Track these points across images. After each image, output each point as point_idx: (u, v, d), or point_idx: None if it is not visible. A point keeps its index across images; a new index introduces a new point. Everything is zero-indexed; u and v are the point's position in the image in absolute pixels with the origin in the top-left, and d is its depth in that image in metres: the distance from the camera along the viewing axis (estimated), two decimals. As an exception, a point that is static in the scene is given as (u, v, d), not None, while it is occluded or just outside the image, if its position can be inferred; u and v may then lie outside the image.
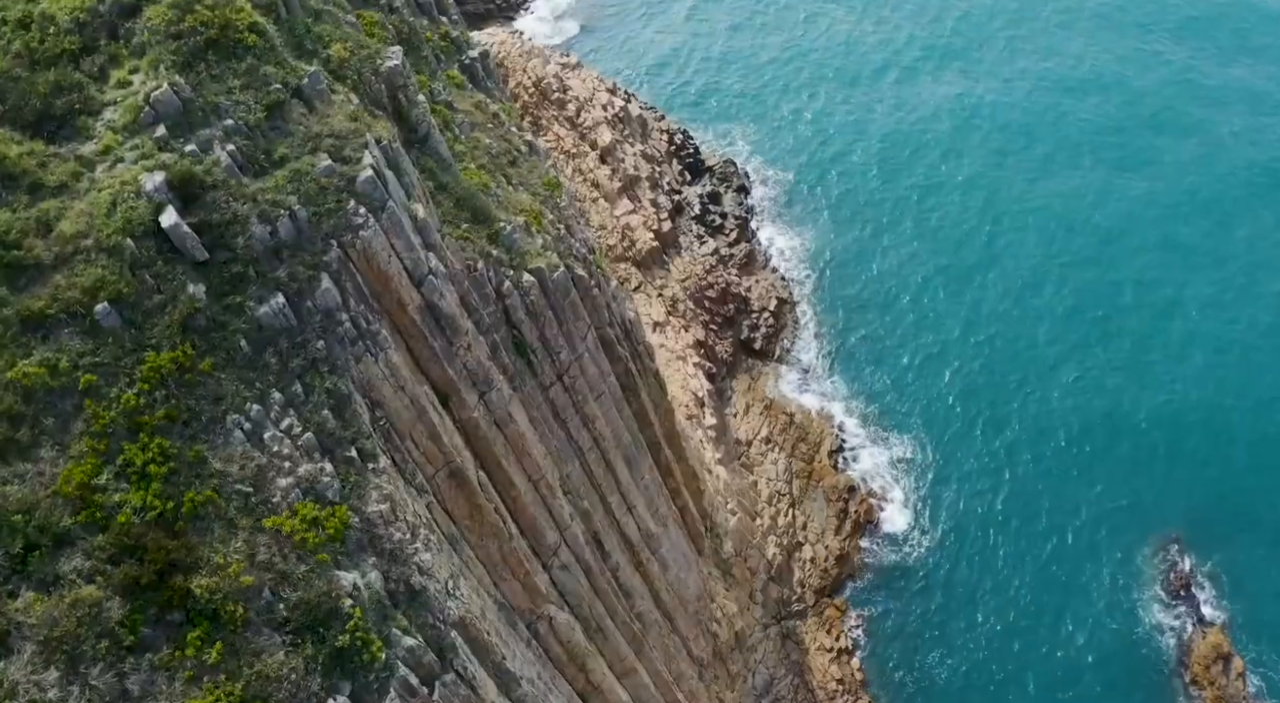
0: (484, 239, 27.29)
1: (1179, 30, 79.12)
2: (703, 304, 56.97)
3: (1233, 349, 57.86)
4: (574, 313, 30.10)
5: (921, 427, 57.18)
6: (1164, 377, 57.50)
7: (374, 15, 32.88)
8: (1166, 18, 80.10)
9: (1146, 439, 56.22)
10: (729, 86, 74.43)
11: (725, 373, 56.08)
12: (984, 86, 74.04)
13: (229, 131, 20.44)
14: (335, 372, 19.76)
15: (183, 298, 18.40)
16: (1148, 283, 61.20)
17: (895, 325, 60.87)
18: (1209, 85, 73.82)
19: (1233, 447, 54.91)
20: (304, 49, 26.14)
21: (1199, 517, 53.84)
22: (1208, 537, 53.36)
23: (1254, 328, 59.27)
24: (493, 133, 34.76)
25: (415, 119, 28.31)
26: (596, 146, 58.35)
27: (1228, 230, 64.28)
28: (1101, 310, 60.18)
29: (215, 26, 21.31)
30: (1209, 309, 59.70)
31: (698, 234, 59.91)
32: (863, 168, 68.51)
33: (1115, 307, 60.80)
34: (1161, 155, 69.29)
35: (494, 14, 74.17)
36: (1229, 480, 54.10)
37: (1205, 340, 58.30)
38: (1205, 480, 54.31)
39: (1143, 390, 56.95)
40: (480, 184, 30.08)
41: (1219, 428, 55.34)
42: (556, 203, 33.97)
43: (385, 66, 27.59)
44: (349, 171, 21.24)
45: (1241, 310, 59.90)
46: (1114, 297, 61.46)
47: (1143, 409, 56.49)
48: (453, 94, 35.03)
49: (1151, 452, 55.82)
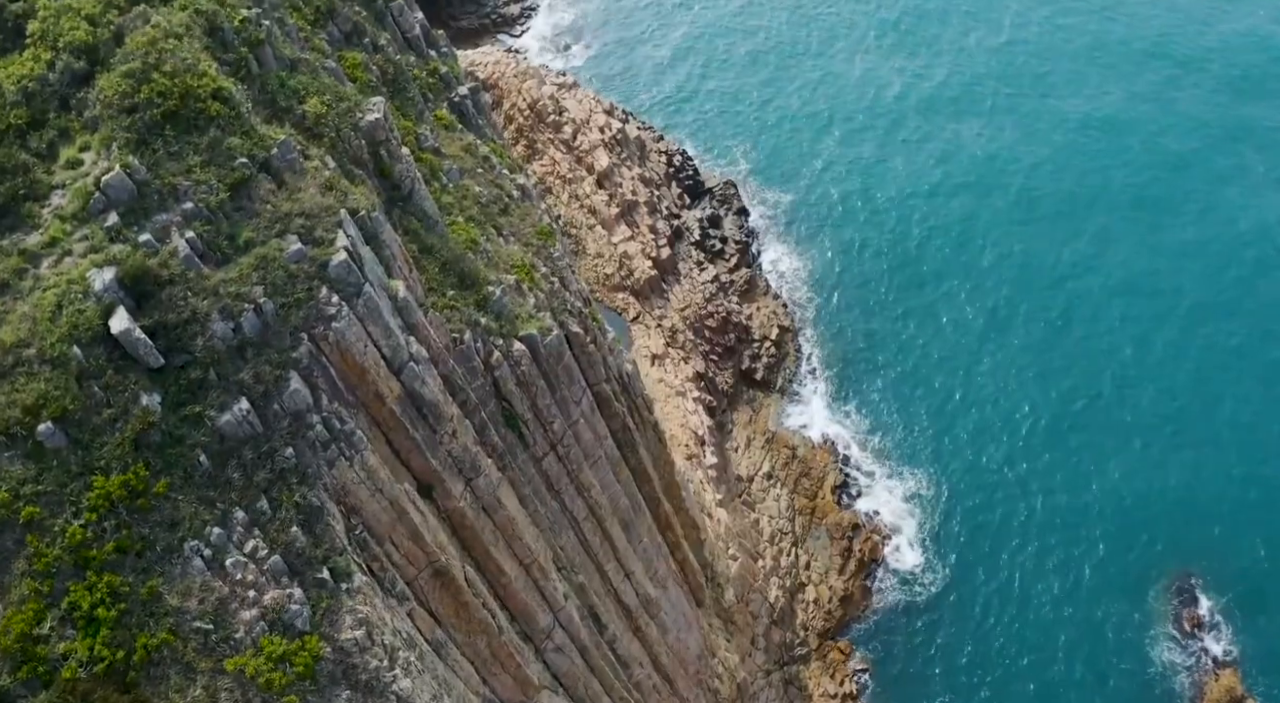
0: (471, 306, 25.63)
1: (1200, 68, 77.26)
2: (703, 334, 55.31)
3: (1254, 390, 56.29)
4: (568, 377, 28.46)
5: (928, 459, 55.62)
6: (1180, 413, 55.92)
7: (357, 56, 31.21)
8: (1181, 51, 78.29)
9: (1161, 475, 54.74)
10: (730, 104, 72.59)
11: (726, 405, 54.45)
12: (991, 107, 72.26)
13: (188, 216, 18.75)
14: (305, 482, 18.11)
15: (135, 411, 16.74)
16: (1167, 317, 59.57)
17: (901, 353, 59.25)
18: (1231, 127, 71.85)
19: (1248, 484, 53.41)
20: (277, 107, 24.47)
21: (1213, 554, 52.37)
22: (1222, 575, 51.92)
23: (1276, 368, 57.68)
24: (483, 179, 33.05)
25: (398, 175, 26.64)
26: (593, 171, 56.59)
27: (1259, 275, 62.05)
28: (1119, 341, 58.56)
29: (174, 96, 19.61)
30: (1230, 348, 58.06)
31: (697, 260, 58.20)
32: (866, 187, 66.78)
33: (1133, 337, 59.15)
34: (1179, 185, 67.57)
35: (489, 29, 72.21)
36: (1243, 519, 52.63)
37: (1226, 380, 56.65)
38: (1220, 518, 52.83)
39: (1158, 426, 55.40)
40: (468, 240, 28.41)
41: (1234, 466, 53.85)
42: (550, 253, 32.29)
43: (366, 121, 25.90)
44: (321, 255, 19.56)
45: (1266, 353, 58.17)
46: (1133, 328, 59.78)
47: (1157, 445, 54.96)
48: (441, 138, 33.33)
49: (1166, 488, 54.35)
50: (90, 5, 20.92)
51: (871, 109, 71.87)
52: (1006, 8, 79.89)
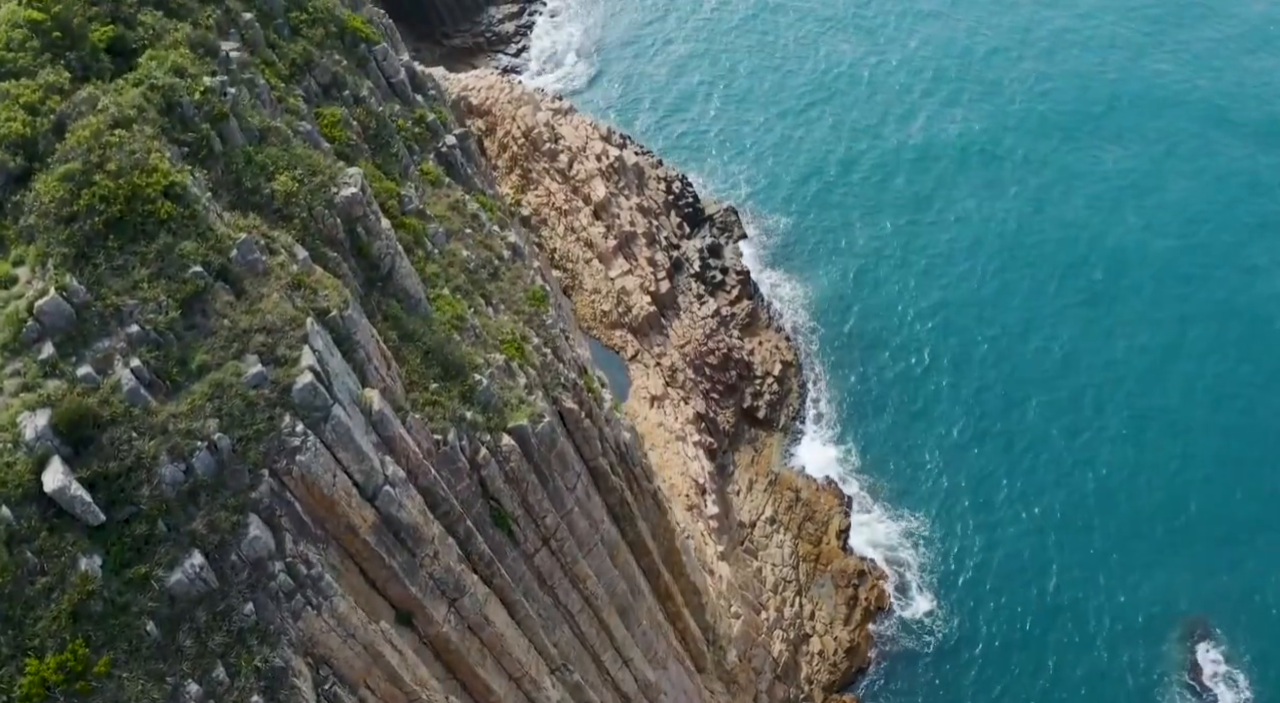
0: (456, 399, 23.68)
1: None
2: (703, 371, 53.40)
3: (1270, 437, 54.51)
4: (561, 464, 26.58)
5: (936, 500, 53.81)
6: (1196, 457, 54.14)
7: (336, 113, 29.20)
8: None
9: (1174, 522, 53.02)
10: (731, 125, 70.47)
11: (727, 445, 52.58)
12: (998, 127, 70.19)
13: (134, 341, 16.81)
14: (267, 641, 16.24)
15: (73, 578, 14.84)
16: (1180, 351, 57.74)
17: (907, 387, 57.36)
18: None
19: (1263, 533, 51.72)
20: (242, 189, 22.49)
21: (1228, 603, 50.73)
22: (1237, 623, 50.29)
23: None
24: (471, 239, 31.09)
25: (377, 253, 24.66)
26: (590, 201, 54.55)
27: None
28: (1131, 374, 56.75)
29: (119, 200, 17.63)
30: (1249, 397, 56.23)
31: (697, 293, 56.22)
32: (871, 212, 64.79)
33: (1145, 370, 57.33)
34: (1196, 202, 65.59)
35: (484, 48, 69.92)
36: (1260, 567, 50.96)
37: (1243, 429, 54.83)
38: (1234, 566, 51.14)
39: (1173, 472, 53.62)
40: (455, 317, 26.45)
41: (1250, 514, 52.14)
42: (542, 321, 30.35)
43: (341, 196, 23.91)
44: (284, 377, 17.63)
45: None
46: (1145, 361, 57.94)
47: (1171, 487, 53.22)
48: (426, 195, 31.34)
49: (1181, 531, 52.64)
50: (29, 92, 18.94)
51: (878, 131, 69.82)
52: (1027, 33, 77.54)
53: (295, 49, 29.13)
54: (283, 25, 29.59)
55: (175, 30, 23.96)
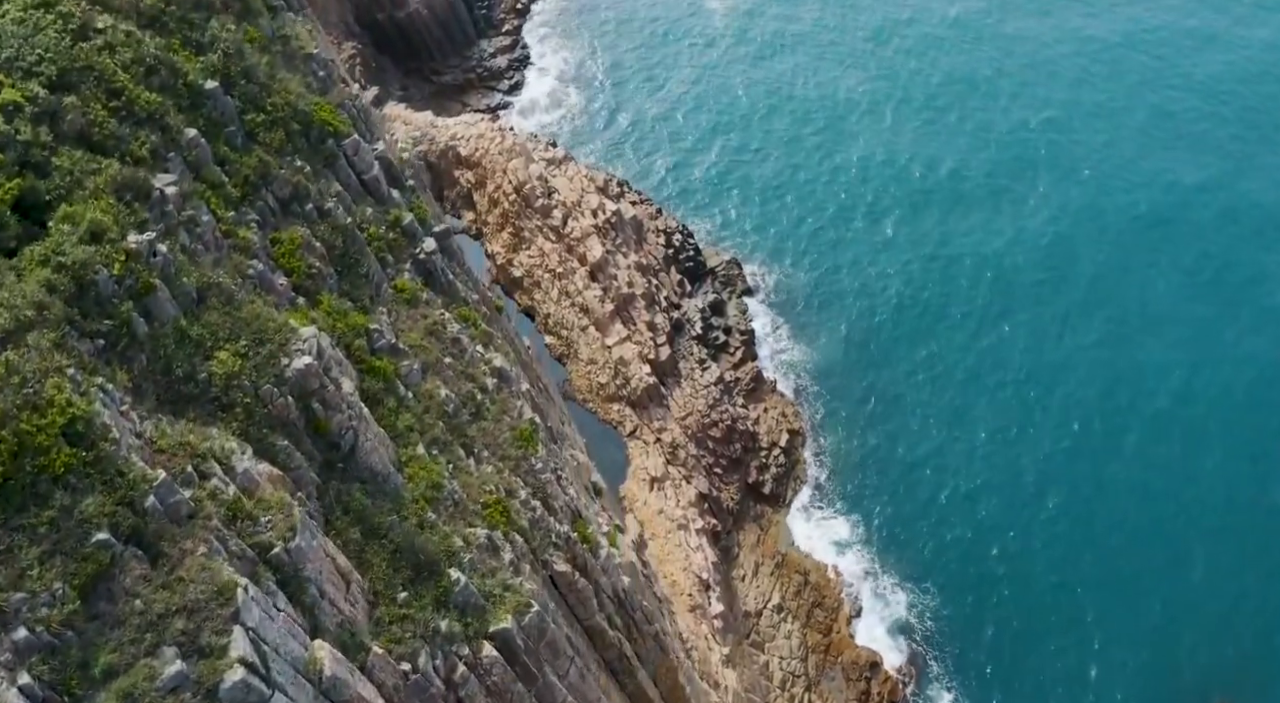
0: (429, 606, 20.38)
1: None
2: (706, 445, 50.13)
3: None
4: (552, 653, 23.35)
5: (954, 581, 50.62)
6: (1207, 532, 51.17)
7: (295, 236, 25.67)
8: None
9: (1195, 595, 50.10)
10: (733, 168, 66.75)
11: (731, 525, 49.43)
12: (1027, 175, 66.66)
13: (22, 650, 13.44)
14: None
15: None
16: (1204, 423, 54.58)
17: (923, 458, 54.10)
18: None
19: (1274, 608, 48.87)
20: (172, 378, 19.10)
21: (1249, 684, 47.93)
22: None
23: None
24: (452, 369, 27.66)
25: (337, 429, 21.28)
26: (586, 262, 51.02)
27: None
28: (1152, 453, 53.61)
29: (2, 460, 14.24)
30: (1271, 455, 53.25)
31: (699, 358, 52.82)
32: (882, 265, 61.32)
33: (1173, 437, 54.17)
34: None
35: (475, 84, 65.98)
36: (1270, 642, 48.16)
37: (1258, 501, 51.86)
38: (1245, 641, 48.26)
39: (1185, 545, 50.64)
40: (430, 487, 23.12)
41: (1260, 589, 49.22)
42: (531, 466, 27.03)
43: (293, 369, 20.51)
44: (209, 674, 14.28)
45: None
46: (1170, 428, 54.73)
47: (1191, 564, 50.25)
48: (401, 320, 27.89)
49: (1201, 609, 49.72)
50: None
51: (899, 176, 66.12)
52: (1048, 83, 73.76)
53: (249, 162, 25.59)
54: (235, 133, 26.02)
55: (99, 173, 20.48)
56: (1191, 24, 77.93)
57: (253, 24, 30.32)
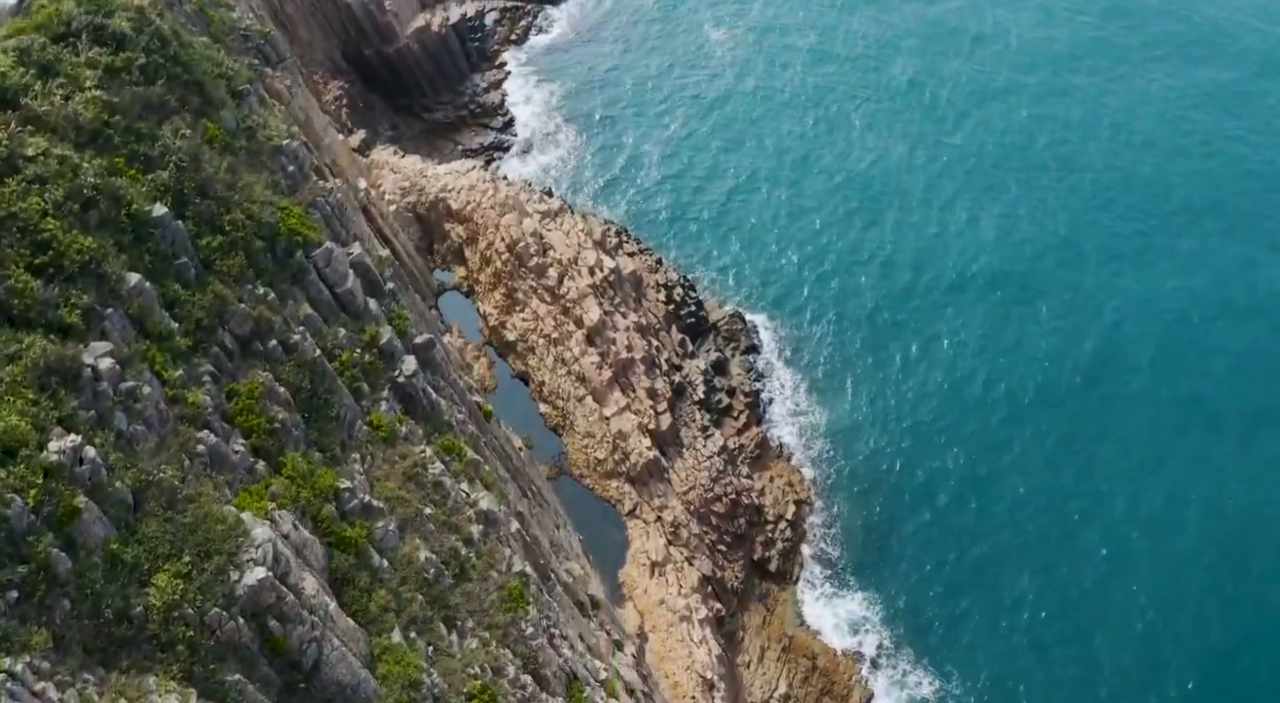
0: None
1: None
2: (709, 521, 47.53)
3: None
4: None
5: (975, 663, 48.17)
6: (1215, 587, 48.85)
7: (256, 384, 22.81)
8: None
9: (1200, 664, 47.90)
10: (737, 211, 63.65)
11: (735, 607, 46.91)
12: (1055, 233, 63.40)
13: None
14: None
15: None
16: (1220, 475, 52.06)
17: (938, 528, 51.44)
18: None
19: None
20: (102, 623, 16.33)
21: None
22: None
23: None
24: (433, 522, 24.94)
25: (297, 644, 18.58)
26: (582, 325, 48.19)
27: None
28: (1186, 522, 51.11)
29: None
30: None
31: (702, 425, 50.07)
32: (899, 320, 58.47)
33: (1203, 521, 51.60)
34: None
35: (467, 121, 62.79)
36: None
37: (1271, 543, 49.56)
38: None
39: (1194, 589, 48.32)
40: (407, 685, 20.47)
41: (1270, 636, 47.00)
42: (520, 632, 24.39)
43: (244, 586, 17.78)
44: None
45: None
46: (1197, 512, 52.14)
47: (1203, 616, 47.86)
48: (376, 466, 25.14)
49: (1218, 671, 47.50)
50: None
51: (917, 228, 62.93)
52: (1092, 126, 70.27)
53: (202, 302, 22.69)
54: (187, 266, 23.12)
55: (18, 359, 17.68)
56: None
57: (213, 118, 27.43)
